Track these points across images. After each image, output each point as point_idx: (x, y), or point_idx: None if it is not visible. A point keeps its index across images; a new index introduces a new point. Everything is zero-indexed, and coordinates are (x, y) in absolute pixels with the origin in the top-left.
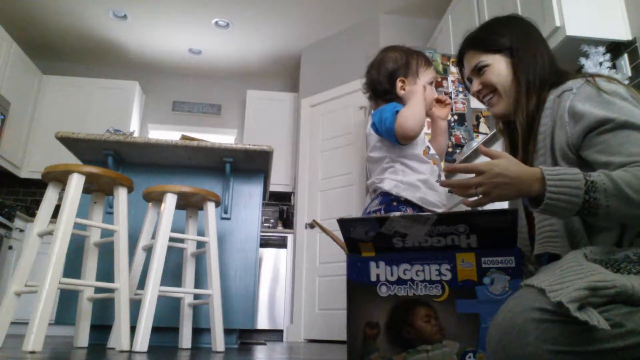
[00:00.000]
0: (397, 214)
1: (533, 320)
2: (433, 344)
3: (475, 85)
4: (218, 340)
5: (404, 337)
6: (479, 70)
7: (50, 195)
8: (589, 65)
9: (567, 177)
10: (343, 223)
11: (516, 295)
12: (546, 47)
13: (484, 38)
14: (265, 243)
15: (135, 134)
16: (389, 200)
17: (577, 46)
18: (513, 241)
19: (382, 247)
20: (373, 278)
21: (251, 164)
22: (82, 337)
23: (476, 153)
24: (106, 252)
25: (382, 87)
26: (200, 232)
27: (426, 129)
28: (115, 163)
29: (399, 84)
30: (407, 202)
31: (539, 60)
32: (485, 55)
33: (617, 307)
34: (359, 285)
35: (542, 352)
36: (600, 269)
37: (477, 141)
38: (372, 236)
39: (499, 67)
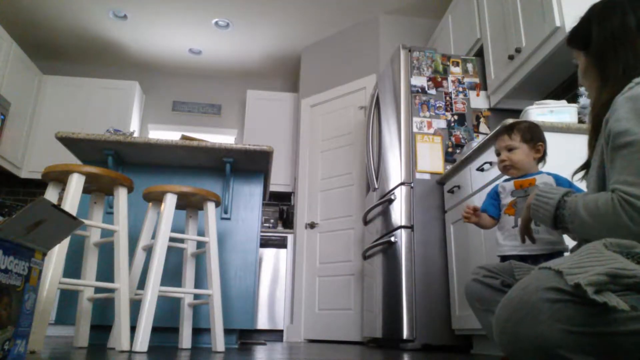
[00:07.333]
0: None
1: (547, 300)
2: (5, 328)
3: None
4: (218, 340)
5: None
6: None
7: (50, 195)
8: None
9: (546, 194)
10: None
11: (530, 276)
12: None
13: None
14: (265, 243)
15: (135, 134)
16: None
17: None
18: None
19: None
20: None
21: (251, 164)
22: (82, 337)
23: (476, 153)
24: (106, 252)
25: None
26: (200, 232)
27: None
28: (115, 163)
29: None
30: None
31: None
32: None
33: (632, 293)
34: None
35: (554, 331)
36: (621, 258)
37: (477, 141)
38: None
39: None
